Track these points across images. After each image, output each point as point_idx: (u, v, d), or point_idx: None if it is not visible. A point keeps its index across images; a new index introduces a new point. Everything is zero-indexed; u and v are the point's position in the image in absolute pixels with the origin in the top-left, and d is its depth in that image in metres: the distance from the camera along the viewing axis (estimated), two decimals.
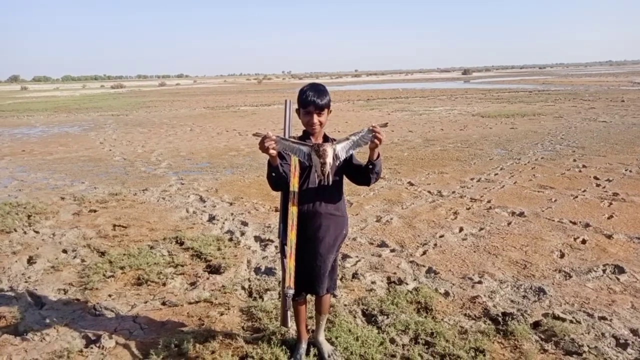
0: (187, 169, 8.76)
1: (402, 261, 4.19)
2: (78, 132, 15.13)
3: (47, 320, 3.30)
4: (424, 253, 4.37)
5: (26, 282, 3.99)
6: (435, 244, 4.58)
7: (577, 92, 27.58)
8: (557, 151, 9.45)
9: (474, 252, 4.37)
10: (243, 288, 3.73)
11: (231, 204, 6.25)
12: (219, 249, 4.53)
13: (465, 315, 3.23)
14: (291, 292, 2.44)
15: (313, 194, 2.42)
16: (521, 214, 5.44)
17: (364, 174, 2.43)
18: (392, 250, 4.47)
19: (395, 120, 16.18)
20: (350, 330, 2.99)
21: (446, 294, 3.54)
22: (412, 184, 7.04)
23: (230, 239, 4.80)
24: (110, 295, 3.69)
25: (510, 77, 68.98)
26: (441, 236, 4.80)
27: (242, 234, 4.98)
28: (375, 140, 2.22)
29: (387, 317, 3.16)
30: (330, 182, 2.27)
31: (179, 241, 4.79)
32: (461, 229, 4.99)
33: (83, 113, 22.87)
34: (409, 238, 4.78)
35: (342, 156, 2.29)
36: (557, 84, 39.31)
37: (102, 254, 4.55)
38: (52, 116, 21.53)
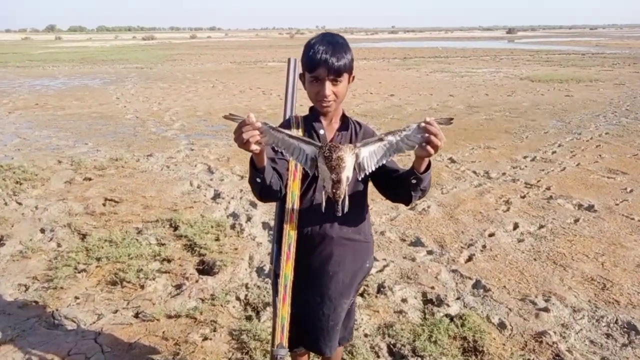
0: (201, 131, 7.97)
1: (441, 269, 3.31)
2: (97, 85, 14.51)
3: None
4: (470, 259, 3.48)
5: None
6: (484, 246, 3.66)
7: (638, 56, 25.14)
8: (623, 125, 8.17)
9: (535, 260, 3.44)
10: (238, 298, 2.95)
11: (242, 177, 5.44)
12: (217, 239, 3.75)
13: None
14: (283, 353, 1.62)
15: (320, 208, 1.52)
16: (590, 208, 4.42)
17: (401, 188, 1.54)
18: (430, 252, 3.59)
19: (434, 82, 14.87)
20: None
21: (501, 325, 2.67)
22: (453, 161, 6.04)
23: (233, 226, 4.01)
24: (76, 298, 2.97)
25: (559, 37, 64.59)
26: (491, 234, 3.88)
27: (249, 219, 4.18)
28: (429, 148, 1.31)
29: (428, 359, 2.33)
30: (346, 209, 1.39)
31: (173, 225, 4.04)
32: (516, 226, 4.04)
33: (108, 65, 22.29)
34: (450, 235, 3.88)
35: (370, 167, 1.39)
36: (613, 47, 36.20)
37: (83, 237, 3.85)
38: (77, 67, 21.03)
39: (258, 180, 1.44)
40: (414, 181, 1.46)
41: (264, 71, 19.15)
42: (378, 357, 2.42)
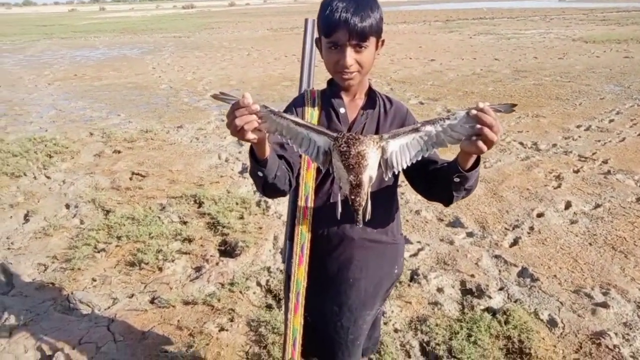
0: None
1: (483, 254, 2.99)
2: (136, 55, 14.51)
3: (5, 315, 2.54)
4: (515, 242, 3.13)
5: (8, 248, 3.28)
6: (532, 228, 3.30)
7: None
8: None
9: (590, 245, 3.06)
10: (259, 284, 2.75)
11: None
12: (241, 217, 3.55)
13: None
14: None
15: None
16: None
17: (441, 186, 1.26)
18: (470, 234, 3.27)
19: (478, 45, 14.00)
20: None
21: (552, 322, 2.35)
22: None
23: (259, 203, 3.79)
24: (93, 280, 2.87)
25: None
26: (540, 215, 3.50)
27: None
28: (480, 143, 1.03)
29: None
30: (368, 217, 1.12)
31: (197, 201, 3.87)
32: (568, 205, 3.63)
33: (147, 34, 22.33)
34: (493, 215, 3.52)
35: (400, 165, 1.10)
36: None
37: (106, 213, 3.75)
38: (117, 37, 21.18)
39: (259, 174, 1.18)
40: (457, 179, 1.17)
41: (300, 37, 18.61)
42: (409, 357, 2.17)
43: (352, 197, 1.06)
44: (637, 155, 4.62)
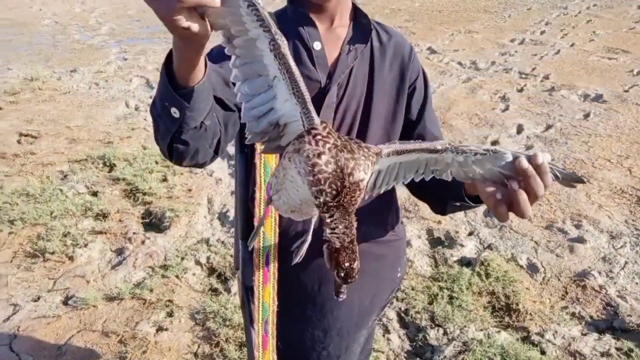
0: (134, 35, 6.72)
1: None
2: None
3: None
4: None
5: None
6: None
7: None
8: None
9: None
10: (198, 263, 2.30)
11: None
12: (164, 180, 3.00)
13: (578, 321, 1.88)
14: None
15: None
16: (598, 98, 3.84)
17: (436, 196, 0.97)
18: None
19: None
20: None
21: (532, 268, 2.15)
22: (433, 51, 5.24)
23: None
24: None
25: None
26: (494, 142, 3.28)
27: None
28: (501, 208, 0.73)
29: (452, 331, 1.80)
30: (354, 278, 0.69)
31: (107, 163, 3.23)
32: (520, 129, 3.44)
33: None
34: None
35: (388, 184, 0.75)
36: None
37: None
38: None
39: (174, 113, 0.70)
40: (456, 204, 0.88)
41: None
42: (388, 331, 1.88)
43: (333, 252, 0.67)
44: (575, 67, 4.52)
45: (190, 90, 0.69)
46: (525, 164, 0.68)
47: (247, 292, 1.02)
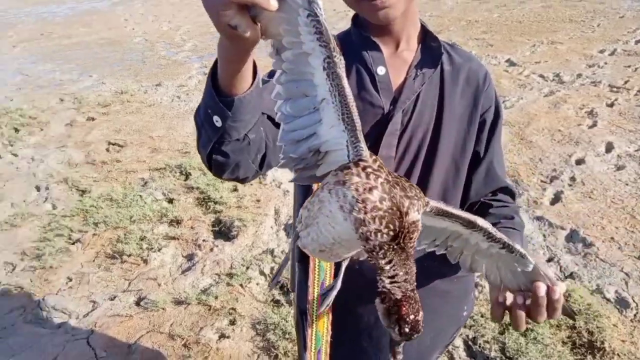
0: (215, 50, 7.00)
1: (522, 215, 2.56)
2: (106, 7, 13.43)
3: None
4: (557, 198, 2.69)
5: None
6: (573, 178, 2.85)
7: None
8: None
9: None
10: (262, 273, 2.33)
11: None
12: (235, 190, 3.08)
13: None
14: None
15: None
16: None
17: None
18: None
19: None
20: None
21: (621, 302, 1.95)
22: (513, 64, 5.00)
23: None
24: (68, 280, 2.44)
25: None
26: (579, 161, 3.04)
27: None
28: (497, 308, 0.77)
29: None
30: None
31: (183, 172, 3.38)
32: (610, 147, 3.16)
33: None
34: (525, 165, 3.06)
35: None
36: None
37: (82, 193, 3.27)
38: None
39: (216, 121, 0.67)
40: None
41: None
42: (452, 358, 1.78)
43: (393, 305, 0.59)
44: None
45: (234, 100, 0.66)
46: (541, 291, 0.67)
47: (302, 317, 1.00)
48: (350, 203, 0.56)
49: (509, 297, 0.73)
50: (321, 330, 0.90)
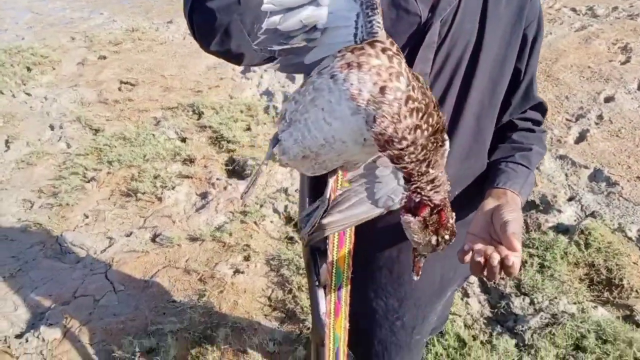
0: None
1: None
2: None
3: None
4: (582, 137, 2.57)
5: None
6: (600, 117, 2.71)
7: None
8: None
9: None
10: (276, 211, 2.32)
11: None
12: (248, 129, 3.03)
13: None
14: None
15: None
16: None
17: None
18: None
19: None
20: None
21: None
22: None
23: (267, 109, 3.23)
24: (85, 217, 2.47)
25: None
26: (608, 99, 2.88)
27: (286, 98, 3.37)
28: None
29: (540, 301, 1.65)
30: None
31: (196, 111, 3.33)
32: None
33: None
34: (550, 103, 2.92)
35: None
36: None
37: (95, 132, 3.26)
38: None
39: None
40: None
41: None
42: (467, 295, 1.76)
43: (433, 213, 0.52)
44: None
45: None
46: (494, 261, 0.61)
47: (315, 255, 0.96)
48: (371, 91, 0.44)
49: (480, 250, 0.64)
50: (342, 266, 0.87)
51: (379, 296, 0.92)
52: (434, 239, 0.53)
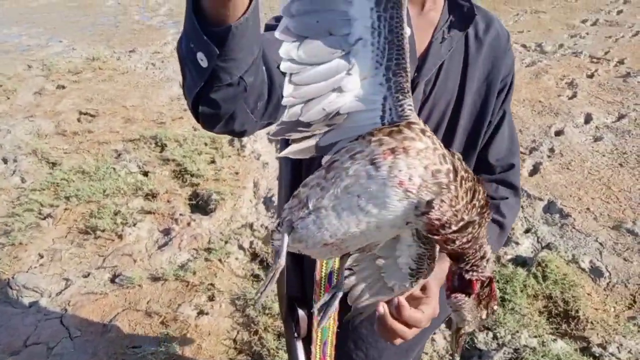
0: None
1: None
2: None
3: None
4: (536, 169, 2.69)
5: None
6: (552, 150, 2.85)
7: None
8: None
9: (621, 166, 2.65)
10: (241, 247, 2.29)
11: None
12: (212, 162, 3.00)
13: None
14: None
15: None
16: None
17: None
18: None
19: None
20: None
21: (595, 272, 1.98)
22: None
23: (232, 142, 3.23)
24: (39, 257, 2.36)
25: None
26: (558, 132, 3.04)
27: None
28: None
29: (503, 335, 1.69)
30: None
31: (159, 143, 3.28)
32: (589, 118, 3.16)
33: None
34: None
35: None
36: None
37: (52, 166, 3.15)
38: None
39: (200, 61, 0.52)
40: None
41: None
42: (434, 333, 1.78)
43: (485, 287, 0.52)
44: None
45: (224, 30, 0.48)
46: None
47: (292, 304, 0.96)
48: (422, 176, 0.42)
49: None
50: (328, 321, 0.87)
51: (359, 347, 0.93)
52: (484, 314, 0.52)
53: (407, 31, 0.66)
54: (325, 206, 0.49)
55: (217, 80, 0.52)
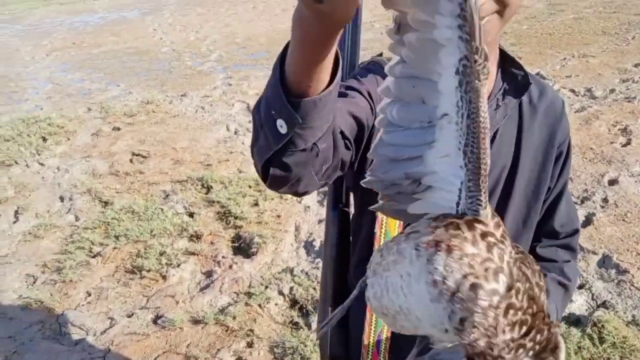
0: (239, 61, 7.10)
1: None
2: (136, 16, 13.75)
3: None
4: (589, 221, 2.57)
5: None
6: (605, 200, 2.72)
7: None
8: None
9: None
10: (281, 293, 2.28)
11: None
12: (255, 204, 3.05)
13: None
14: None
15: None
16: None
17: None
18: None
19: None
20: None
21: None
22: (542, 78, 4.86)
23: None
24: (87, 295, 2.44)
25: None
26: (612, 181, 2.91)
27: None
28: None
29: None
30: None
31: (205, 185, 3.38)
32: None
33: None
34: None
35: None
36: None
37: (104, 205, 3.30)
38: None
39: (280, 127, 0.53)
40: None
41: None
42: None
43: None
44: None
45: (309, 102, 0.50)
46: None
47: None
48: (459, 284, 0.38)
49: None
50: None
51: None
52: None
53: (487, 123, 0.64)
54: (380, 274, 0.49)
55: (293, 146, 0.53)
